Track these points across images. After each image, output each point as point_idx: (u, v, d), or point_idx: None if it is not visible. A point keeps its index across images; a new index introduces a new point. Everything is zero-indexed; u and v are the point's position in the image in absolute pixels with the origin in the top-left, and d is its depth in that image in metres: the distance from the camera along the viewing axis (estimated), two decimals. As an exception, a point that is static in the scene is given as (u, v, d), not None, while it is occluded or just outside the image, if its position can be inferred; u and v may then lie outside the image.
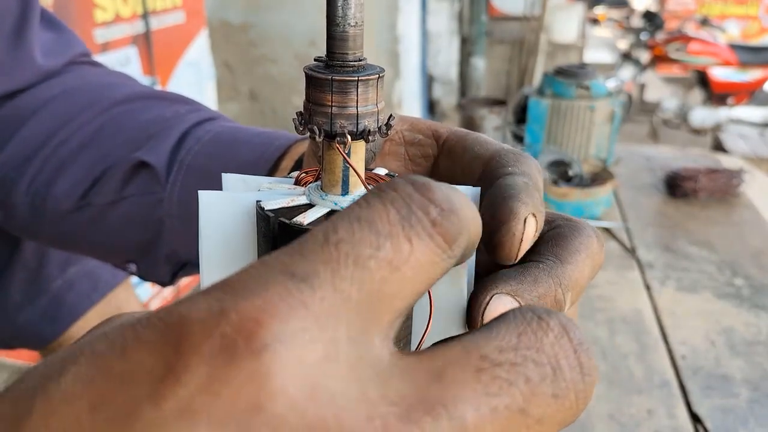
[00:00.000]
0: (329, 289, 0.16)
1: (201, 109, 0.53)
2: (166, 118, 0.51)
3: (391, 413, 0.15)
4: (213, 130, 0.49)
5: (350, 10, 0.25)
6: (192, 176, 0.48)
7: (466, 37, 4.45)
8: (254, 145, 0.47)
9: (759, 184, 1.48)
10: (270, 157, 0.46)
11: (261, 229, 0.27)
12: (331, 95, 0.26)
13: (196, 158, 0.48)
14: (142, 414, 0.14)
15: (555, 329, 0.18)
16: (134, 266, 0.55)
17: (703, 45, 5.16)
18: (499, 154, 0.30)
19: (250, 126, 0.52)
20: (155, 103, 0.53)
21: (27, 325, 0.75)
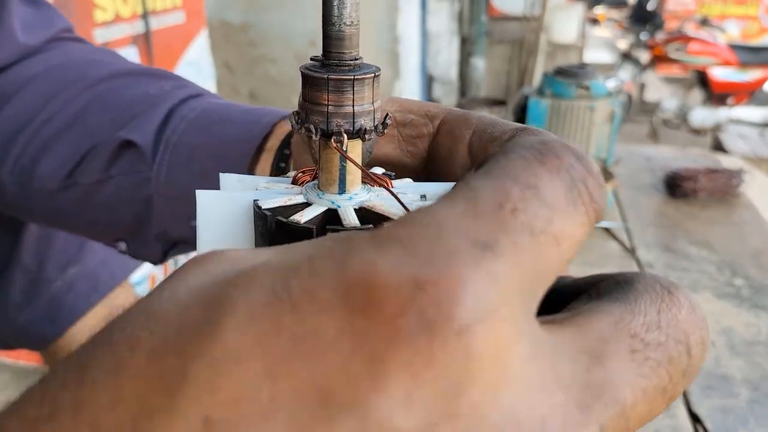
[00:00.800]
0: (511, 260, 0.15)
1: (187, 85, 0.53)
2: (151, 95, 0.50)
3: (568, 401, 0.15)
4: (199, 108, 0.49)
5: (346, 9, 0.25)
6: (179, 155, 0.48)
7: (466, 37, 4.45)
8: (240, 124, 0.47)
9: (759, 185, 1.48)
10: (256, 136, 0.46)
11: (258, 228, 0.27)
12: (328, 94, 0.26)
13: (183, 137, 0.48)
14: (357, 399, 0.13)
15: (685, 305, 0.18)
16: (124, 245, 0.54)
17: (703, 45, 5.17)
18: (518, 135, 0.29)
19: (237, 103, 0.52)
20: (140, 80, 0.52)
21: (27, 326, 0.75)
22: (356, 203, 0.28)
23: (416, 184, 0.31)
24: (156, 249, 0.53)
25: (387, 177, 0.30)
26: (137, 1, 1.61)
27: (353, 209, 0.27)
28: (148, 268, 1.81)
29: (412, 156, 0.35)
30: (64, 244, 0.76)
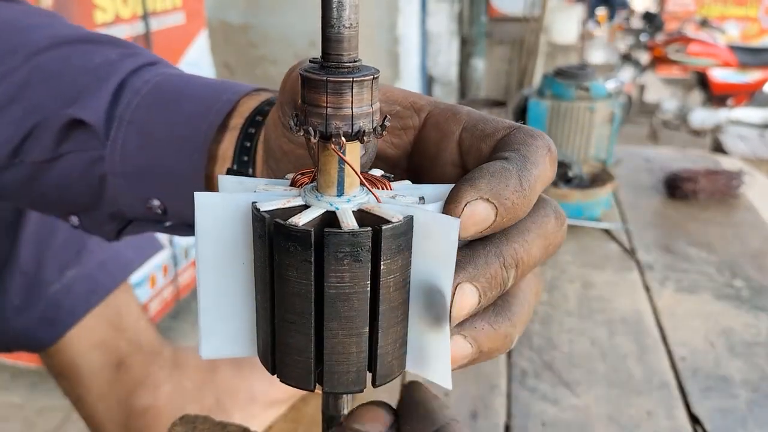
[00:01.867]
0: None
1: (136, 53, 0.49)
2: (98, 65, 0.47)
3: None
4: (152, 81, 0.46)
5: (345, 11, 0.25)
6: (133, 133, 0.45)
7: (465, 38, 4.45)
8: (198, 100, 0.45)
9: (759, 186, 1.48)
10: (217, 114, 0.44)
11: (257, 230, 0.27)
12: (326, 96, 0.26)
13: (137, 113, 0.45)
14: None
15: None
16: (76, 219, 0.52)
17: (703, 46, 5.17)
18: (512, 135, 0.30)
19: (193, 75, 0.49)
20: (84, 48, 0.49)
21: (25, 330, 0.74)
22: (355, 205, 0.27)
23: (415, 186, 0.31)
24: (110, 228, 0.51)
25: (385, 179, 0.30)
26: (137, 2, 1.61)
27: (352, 211, 0.27)
28: (148, 268, 1.81)
29: (396, 148, 0.34)
30: (62, 247, 0.76)
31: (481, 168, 0.27)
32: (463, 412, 0.77)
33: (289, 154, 0.39)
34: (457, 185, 0.27)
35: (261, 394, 0.76)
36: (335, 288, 0.26)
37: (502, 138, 0.30)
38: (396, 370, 0.29)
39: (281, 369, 0.28)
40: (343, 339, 0.27)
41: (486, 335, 0.29)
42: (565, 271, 1.11)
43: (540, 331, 0.94)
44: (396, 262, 0.26)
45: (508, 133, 0.30)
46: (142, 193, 0.47)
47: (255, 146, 0.43)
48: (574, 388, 0.81)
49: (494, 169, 0.27)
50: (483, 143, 0.31)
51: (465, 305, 0.27)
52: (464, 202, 0.26)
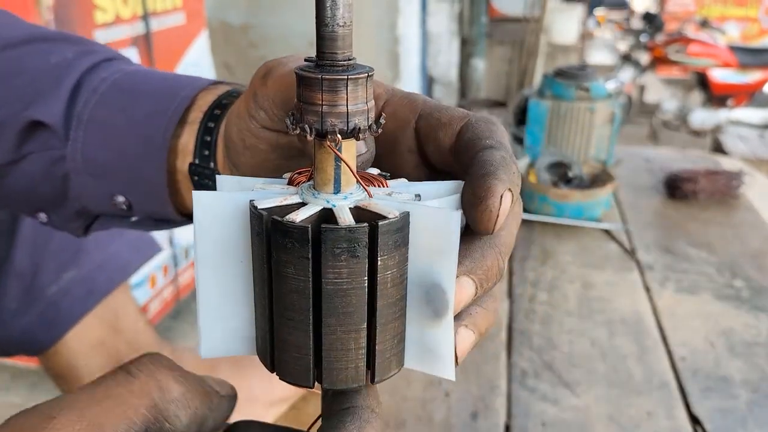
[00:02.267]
0: None
1: (92, 50, 0.49)
2: (55, 65, 0.47)
3: None
4: (110, 78, 0.46)
5: (339, 10, 0.25)
6: (93, 131, 0.46)
7: (466, 38, 4.46)
8: (157, 96, 0.45)
9: (759, 186, 1.48)
10: (177, 109, 0.44)
11: (254, 227, 0.27)
12: (322, 94, 0.26)
13: (96, 111, 0.45)
14: None
15: None
16: (44, 215, 0.53)
17: (703, 47, 5.17)
18: (472, 125, 0.32)
19: (152, 69, 0.49)
20: (40, 48, 0.49)
21: (24, 333, 0.74)
22: (351, 202, 0.28)
23: (410, 184, 0.31)
24: (77, 225, 0.52)
25: (382, 177, 0.30)
26: (138, 3, 1.61)
27: (348, 208, 0.27)
28: (148, 268, 1.81)
29: None
30: (59, 249, 0.76)
31: (488, 160, 0.28)
32: (464, 413, 0.77)
33: (251, 149, 0.39)
34: (481, 180, 0.28)
35: (261, 393, 0.76)
36: (333, 284, 0.26)
37: (464, 126, 0.32)
38: (394, 367, 0.29)
39: (280, 366, 0.28)
40: (341, 335, 0.27)
41: (482, 318, 0.30)
42: (565, 271, 1.11)
43: (540, 331, 0.93)
44: (393, 258, 0.26)
45: (467, 122, 0.32)
46: (105, 190, 0.47)
47: (215, 140, 0.44)
48: (574, 389, 0.81)
49: (498, 159, 0.29)
50: (441, 132, 0.32)
51: (463, 298, 0.28)
52: (499, 195, 0.27)
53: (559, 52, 5.00)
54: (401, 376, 0.84)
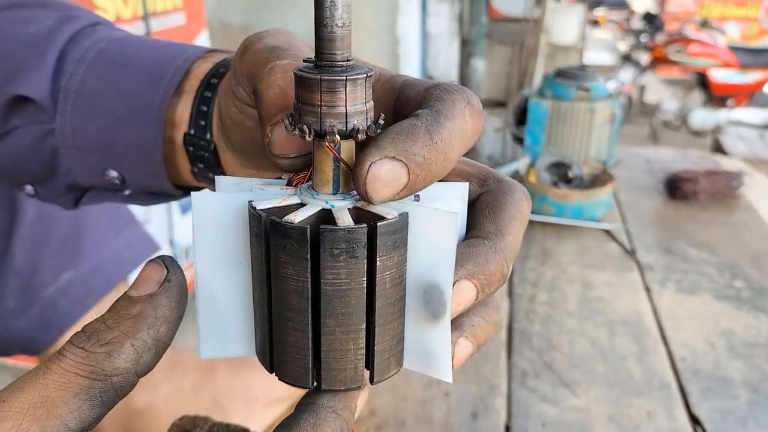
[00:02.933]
0: None
1: (73, 15, 0.47)
2: (34, 35, 0.45)
3: None
4: (95, 47, 0.45)
5: (337, 11, 0.25)
6: (81, 104, 0.44)
7: (466, 39, 4.45)
8: (150, 66, 0.44)
9: (759, 186, 1.48)
10: (172, 79, 0.43)
11: (253, 228, 0.27)
12: (320, 95, 0.26)
13: (84, 83, 0.44)
14: None
15: None
16: (31, 188, 0.51)
17: (703, 47, 5.17)
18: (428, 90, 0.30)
19: (139, 37, 0.47)
20: (17, 15, 0.47)
21: (22, 332, 0.74)
22: (350, 203, 0.28)
23: None
24: (68, 198, 0.51)
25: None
26: (138, 3, 1.61)
27: (347, 209, 0.27)
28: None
29: None
30: (58, 249, 0.75)
31: (388, 129, 0.27)
32: (464, 412, 0.77)
33: (239, 125, 0.38)
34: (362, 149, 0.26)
35: (259, 394, 0.76)
36: (332, 285, 0.26)
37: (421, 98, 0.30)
38: (393, 367, 0.29)
39: (279, 367, 0.28)
40: (340, 336, 0.27)
41: (482, 330, 0.30)
42: (565, 271, 1.11)
43: (540, 331, 0.93)
44: (392, 258, 0.26)
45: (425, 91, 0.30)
46: (97, 165, 0.46)
47: (211, 110, 0.42)
48: (574, 389, 0.81)
49: (401, 128, 0.26)
50: (407, 108, 0.30)
51: (462, 301, 0.28)
52: (368, 163, 0.25)
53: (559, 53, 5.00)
54: (401, 376, 0.84)
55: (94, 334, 0.26)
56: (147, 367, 0.26)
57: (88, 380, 0.24)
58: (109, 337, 0.25)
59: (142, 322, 0.26)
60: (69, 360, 0.25)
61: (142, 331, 0.26)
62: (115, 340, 0.25)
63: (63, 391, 0.24)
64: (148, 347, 0.26)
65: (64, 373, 0.24)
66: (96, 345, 0.25)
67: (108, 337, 0.25)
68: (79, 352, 0.25)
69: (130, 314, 0.26)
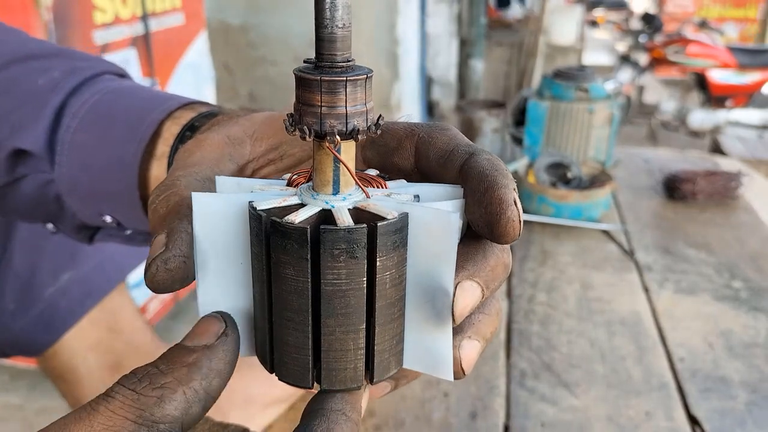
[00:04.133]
0: None
1: (79, 68, 0.49)
2: (40, 88, 0.47)
3: None
4: (90, 101, 0.46)
5: (338, 12, 0.25)
6: (75, 156, 0.46)
7: (465, 39, 4.46)
8: (127, 122, 0.45)
9: (757, 187, 1.49)
10: (141, 140, 0.44)
11: (253, 228, 0.27)
12: (321, 95, 0.26)
13: (76, 136, 0.46)
14: None
15: None
16: (52, 226, 0.54)
17: (702, 47, 5.17)
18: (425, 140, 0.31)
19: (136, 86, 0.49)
20: (31, 67, 0.49)
21: (21, 334, 0.74)
22: (350, 203, 0.28)
23: (409, 185, 0.31)
24: (82, 236, 0.53)
25: (381, 178, 0.30)
26: (137, 3, 1.61)
27: (347, 209, 0.27)
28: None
29: None
30: (57, 250, 0.75)
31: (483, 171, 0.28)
32: (463, 413, 0.77)
33: None
34: (489, 193, 0.27)
35: (258, 394, 0.76)
36: (332, 285, 0.26)
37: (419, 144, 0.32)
38: (393, 367, 0.29)
39: (279, 367, 0.28)
40: (340, 336, 0.27)
41: (485, 324, 0.30)
42: (564, 272, 1.11)
43: (539, 331, 0.93)
44: (392, 258, 0.26)
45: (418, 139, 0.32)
46: (94, 210, 0.48)
47: None
48: (573, 389, 0.81)
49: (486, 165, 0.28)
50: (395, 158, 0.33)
51: (468, 303, 0.28)
52: (512, 201, 0.27)
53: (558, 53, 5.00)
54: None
55: (146, 377, 0.25)
56: (193, 420, 0.25)
57: (135, 425, 0.24)
58: (162, 382, 0.25)
59: (197, 371, 0.26)
60: (118, 402, 0.24)
61: (196, 380, 0.25)
62: (168, 385, 0.25)
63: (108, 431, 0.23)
64: (199, 398, 0.25)
65: (112, 416, 0.24)
66: (148, 388, 0.25)
67: (161, 382, 0.25)
68: (130, 394, 0.24)
69: (185, 362, 0.26)
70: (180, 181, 0.32)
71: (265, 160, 0.36)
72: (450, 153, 0.30)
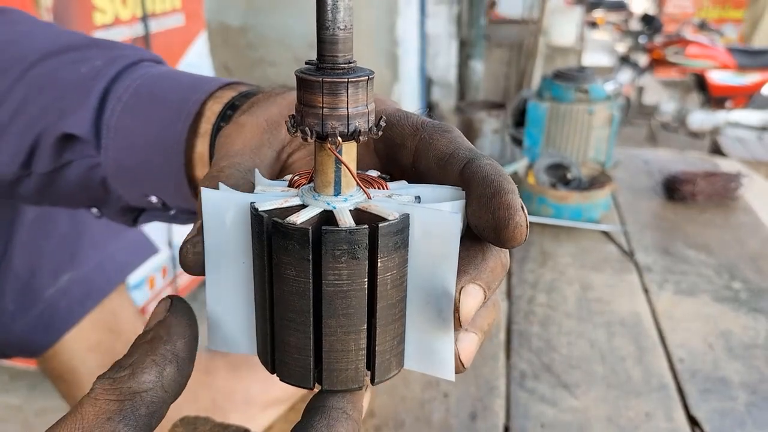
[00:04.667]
0: None
1: (120, 55, 0.50)
2: (84, 76, 0.49)
3: None
4: (132, 86, 0.48)
5: (339, 14, 0.25)
6: (120, 140, 0.47)
7: (464, 40, 4.46)
8: (170, 104, 0.46)
9: (757, 188, 1.49)
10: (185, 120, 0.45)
11: (255, 229, 0.27)
12: (322, 97, 0.26)
13: (120, 120, 0.47)
14: None
15: None
16: (96, 210, 0.56)
17: (701, 48, 5.18)
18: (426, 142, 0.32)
19: (175, 71, 0.50)
20: (72, 57, 0.50)
21: (21, 335, 0.74)
22: (352, 204, 0.28)
23: (410, 186, 0.31)
24: (126, 218, 0.55)
25: (382, 179, 0.31)
26: (137, 4, 1.61)
27: (349, 210, 0.27)
28: (147, 270, 1.81)
29: None
30: (56, 251, 0.75)
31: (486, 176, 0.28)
32: (462, 413, 0.77)
33: None
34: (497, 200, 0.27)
35: (258, 395, 0.76)
36: (333, 286, 0.26)
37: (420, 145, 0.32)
38: (394, 368, 0.29)
39: (280, 368, 0.29)
40: (341, 337, 0.27)
41: (482, 317, 0.31)
42: (564, 273, 1.11)
43: (539, 332, 0.94)
44: (393, 259, 0.26)
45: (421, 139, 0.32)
46: (140, 191, 0.50)
47: None
48: (573, 390, 0.81)
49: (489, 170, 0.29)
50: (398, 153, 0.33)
51: (472, 307, 0.28)
52: (519, 206, 0.27)
53: (557, 54, 5.00)
54: (400, 377, 0.84)
55: (116, 365, 0.28)
56: (172, 381, 0.28)
57: (118, 402, 0.26)
58: (129, 361, 0.28)
59: (158, 341, 0.28)
60: (98, 390, 0.27)
61: (159, 347, 0.28)
62: (135, 361, 0.27)
63: (97, 417, 0.26)
64: (168, 359, 0.28)
65: (95, 402, 0.26)
66: (120, 371, 0.27)
67: (129, 362, 0.28)
68: (106, 381, 0.27)
69: (145, 340, 0.28)
70: (224, 172, 0.34)
71: (299, 143, 0.38)
72: (450, 156, 0.30)
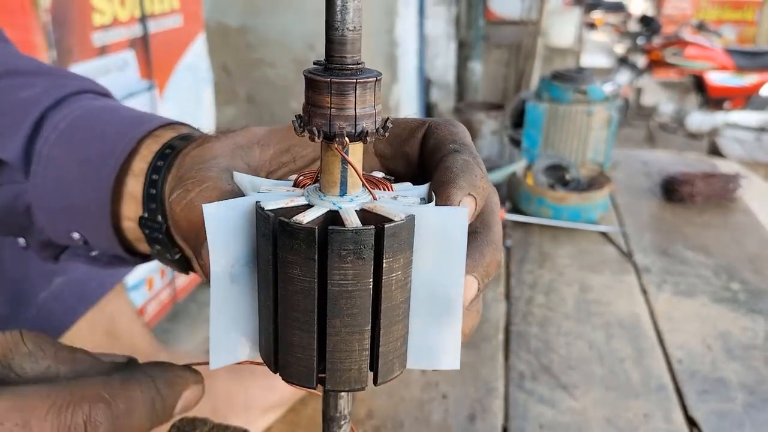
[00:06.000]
0: None
1: (65, 83, 0.49)
2: (22, 100, 0.48)
3: None
4: (70, 115, 0.47)
5: (348, 14, 0.25)
6: (50, 169, 0.46)
7: (463, 41, 4.46)
8: (106, 139, 0.45)
9: (755, 189, 1.49)
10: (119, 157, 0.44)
11: (261, 229, 0.27)
12: (330, 97, 0.26)
13: (54, 149, 0.46)
14: None
15: None
16: (23, 240, 0.54)
17: (700, 49, 5.18)
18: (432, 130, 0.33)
19: (119, 106, 0.49)
20: (16, 82, 0.49)
21: None
22: (357, 205, 0.28)
23: (416, 187, 0.31)
24: (47, 252, 0.53)
25: (387, 180, 0.31)
26: (135, 5, 1.61)
27: (354, 211, 0.27)
28: (145, 271, 1.81)
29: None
30: None
31: (449, 167, 0.30)
32: (461, 414, 0.77)
33: None
34: (441, 188, 0.29)
35: (257, 399, 0.76)
36: (338, 286, 0.26)
37: (426, 133, 0.33)
38: (397, 368, 0.29)
39: (284, 368, 0.29)
40: (345, 336, 0.27)
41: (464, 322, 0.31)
42: (562, 274, 1.11)
43: (537, 333, 0.94)
44: (398, 260, 0.26)
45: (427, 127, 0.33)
46: (63, 226, 0.48)
47: (160, 193, 0.43)
48: (572, 391, 0.82)
49: (461, 164, 0.30)
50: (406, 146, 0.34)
51: (469, 297, 0.29)
52: (457, 202, 0.28)
53: (556, 55, 5.01)
54: (399, 378, 0.84)
55: None
56: None
57: None
58: None
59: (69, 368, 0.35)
60: None
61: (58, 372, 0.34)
62: None
63: None
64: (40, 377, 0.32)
65: None
66: None
67: None
68: None
69: None
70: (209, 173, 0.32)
71: (278, 163, 0.37)
72: (441, 143, 0.32)
